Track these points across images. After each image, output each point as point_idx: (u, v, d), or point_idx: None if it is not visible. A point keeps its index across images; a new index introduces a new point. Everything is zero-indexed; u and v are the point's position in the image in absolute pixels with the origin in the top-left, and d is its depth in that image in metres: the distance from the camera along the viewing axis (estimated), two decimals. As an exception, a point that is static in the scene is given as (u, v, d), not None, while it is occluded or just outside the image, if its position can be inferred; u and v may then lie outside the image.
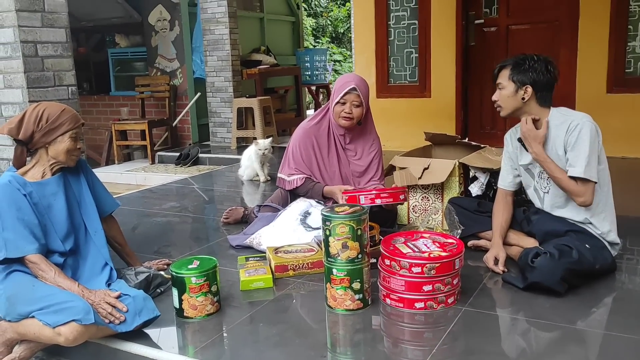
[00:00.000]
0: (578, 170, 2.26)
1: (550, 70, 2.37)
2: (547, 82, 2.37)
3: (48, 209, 2.14)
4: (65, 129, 2.12)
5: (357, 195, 2.66)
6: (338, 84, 3.01)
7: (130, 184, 5.94)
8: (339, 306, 2.17)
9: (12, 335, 2.02)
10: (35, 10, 2.41)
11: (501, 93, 2.42)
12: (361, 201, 2.64)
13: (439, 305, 2.15)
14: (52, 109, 2.13)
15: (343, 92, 2.94)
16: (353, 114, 2.96)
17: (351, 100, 2.94)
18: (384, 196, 2.69)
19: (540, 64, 2.36)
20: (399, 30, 5.79)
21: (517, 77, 2.37)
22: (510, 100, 2.41)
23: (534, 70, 2.35)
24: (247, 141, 6.55)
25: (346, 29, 16.17)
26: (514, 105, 2.41)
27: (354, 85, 2.93)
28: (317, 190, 3.03)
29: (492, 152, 3.20)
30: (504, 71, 2.42)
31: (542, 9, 5.13)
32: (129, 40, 7.93)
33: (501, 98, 2.43)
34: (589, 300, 2.20)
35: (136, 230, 3.50)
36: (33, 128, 2.09)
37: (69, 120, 2.13)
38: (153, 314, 2.07)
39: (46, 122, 2.10)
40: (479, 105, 5.61)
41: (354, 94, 2.93)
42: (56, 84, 2.52)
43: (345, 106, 2.95)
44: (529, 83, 2.36)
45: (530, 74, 2.35)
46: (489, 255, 2.50)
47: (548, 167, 2.35)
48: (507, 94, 2.40)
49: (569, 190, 2.31)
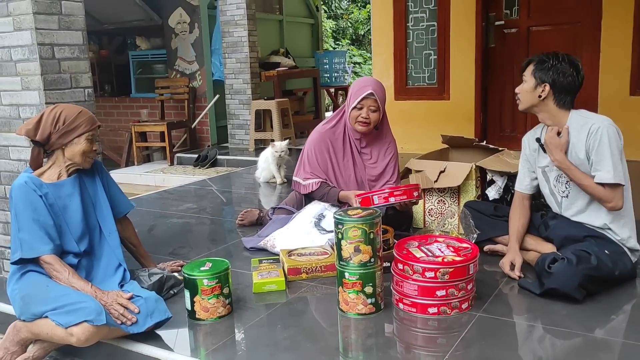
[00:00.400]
0: (607, 176, 2.20)
1: (574, 74, 2.31)
2: (567, 84, 2.31)
3: (63, 210, 2.16)
4: (82, 131, 2.14)
5: (370, 196, 2.60)
6: (354, 88, 2.96)
7: (149, 185, 5.99)
8: (351, 310, 2.15)
9: (26, 335, 2.04)
10: (52, 13, 2.44)
11: (522, 87, 2.40)
12: (375, 201, 2.57)
13: (453, 311, 2.11)
14: (69, 111, 2.15)
15: (360, 97, 2.88)
16: (370, 119, 2.91)
17: (368, 105, 2.89)
18: (398, 194, 2.60)
19: (565, 65, 2.31)
20: (417, 32, 5.74)
21: (538, 73, 2.34)
22: (528, 95, 2.38)
23: (555, 70, 2.30)
24: (264, 143, 6.56)
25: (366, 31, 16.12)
26: (530, 101, 2.38)
27: (371, 90, 2.87)
28: (333, 195, 2.98)
29: (510, 155, 3.15)
30: (530, 66, 2.40)
31: (564, 10, 5.05)
32: (149, 43, 8.02)
33: (521, 91, 2.41)
34: (608, 308, 2.14)
35: (152, 231, 3.52)
36: (50, 129, 2.11)
37: (85, 123, 2.15)
38: (165, 315, 2.07)
39: (63, 123, 2.12)
40: (498, 107, 5.54)
41: (371, 99, 2.88)
42: (72, 86, 2.54)
43: (362, 111, 2.89)
44: (548, 82, 2.31)
45: (552, 73, 2.31)
46: (505, 260, 2.46)
47: (573, 175, 2.29)
48: (527, 89, 2.38)
49: (597, 196, 2.26)
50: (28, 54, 2.43)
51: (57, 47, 2.47)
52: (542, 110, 2.38)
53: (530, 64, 2.40)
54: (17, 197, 2.08)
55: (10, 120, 2.57)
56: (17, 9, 2.41)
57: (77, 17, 2.53)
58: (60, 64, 2.49)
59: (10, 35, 2.47)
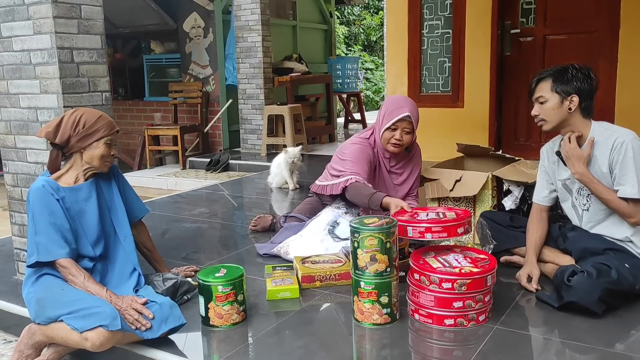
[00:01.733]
0: (631, 191, 2.17)
1: (592, 78, 2.31)
2: (590, 90, 2.30)
3: (80, 214, 2.16)
4: (101, 135, 2.14)
5: (404, 226, 2.25)
6: (389, 108, 2.87)
7: (161, 189, 6.01)
8: (366, 320, 2.13)
9: (41, 338, 2.04)
10: (72, 17, 2.45)
11: (544, 107, 2.34)
12: (409, 234, 2.25)
13: (470, 323, 2.08)
14: (89, 115, 2.16)
15: (396, 118, 2.81)
16: (403, 141, 2.86)
17: (402, 127, 2.84)
18: (437, 230, 2.20)
19: (582, 72, 2.30)
20: (432, 39, 5.72)
21: (560, 87, 2.29)
22: (555, 112, 2.32)
23: (577, 79, 2.28)
24: (277, 148, 6.56)
25: (378, 37, 16.15)
26: (560, 117, 2.32)
27: (408, 113, 2.81)
28: (376, 198, 2.68)
29: (527, 165, 3.12)
30: (543, 84, 2.34)
31: (581, 19, 5.01)
32: (163, 47, 8.06)
33: (544, 111, 2.34)
34: (629, 323, 2.10)
35: (165, 235, 3.52)
36: (70, 132, 2.12)
37: (104, 127, 2.16)
38: (179, 321, 2.07)
39: (83, 127, 2.13)
40: (513, 116, 5.50)
41: (407, 121, 2.84)
42: (90, 89, 2.55)
43: (396, 132, 2.84)
44: (574, 92, 2.28)
45: (575, 83, 2.28)
46: (522, 272, 2.43)
47: (595, 189, 2.26)
48: (552, 106, 2.32)
49: (620, 212, 2.23)
50: (47, 57, 2.44)
51: (76, 51, 2.48)
52: (568, 124, 2.34)
53: (543, 81, 2.34)
54: (35, 200, 2.08)
55: (29, 123, 2.58)
56: (37, 12, 2.43)
57: (96, 22, 2.54)
58: (78, 68, 2.50)
59: (30, 39, 2.48)
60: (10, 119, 2.65)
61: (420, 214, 2.36)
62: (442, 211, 2.37)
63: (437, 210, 2.42)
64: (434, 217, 2.29)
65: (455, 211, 2.36)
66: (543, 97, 2.33)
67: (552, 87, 2.31)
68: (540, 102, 2.35)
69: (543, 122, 2.36)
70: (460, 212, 2.33)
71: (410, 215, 2.37)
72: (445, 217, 2.28)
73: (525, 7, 5.28)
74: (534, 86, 2.38)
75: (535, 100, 2.37)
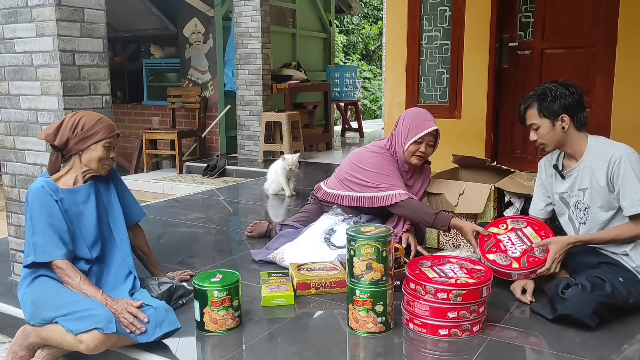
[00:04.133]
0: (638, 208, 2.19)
1: (574, 90, 2.33)
2: (576, 103, 2.32)
3: (78, 216, 2.16)
4: (99, 138, 2.15)
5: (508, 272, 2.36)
6: (414, 121, 2.88)
7: (157, 193, 6.00)
8: (360, 328, 2.14)
9: (35, 340, 2.04)
10: (75, 20, 2.47)
11: (538, 132, 2.37)
12: (513, 277, 2.37)
13: (464, 334, 2.09)
14: (88, 118, 2.17)
15: (424, 132, 2.85)
16: (426, 154, 2.92)
17: (428, 141, 2.88)
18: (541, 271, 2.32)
19: (562, 89, 2.32)
20: (431, 50, 5.76)
21: (547, 111, 2.32)
22: (550, 135, 2.35)
23: (560, 97, 2.30)
24: (274, 155, 6.57)
25: (377, 46, 16.23)
26: (557, 138, 2.35)
27: (436, 127, 2.88)
28: (443, 218, 2.71)
29: (523, 177, 3.14)
30: (530, 111, 2.37)
31: (579, 34, 5.06)
32: (163, 51, 8.08)
33: (540, 136, 2.37)
34: (622, 336, 2.11)
35: (161, 239, 3.52)
36: (68, 135, 2.13)
37: (103, 130, 2.17)
38: (174, 326, 2.07)
39: (81, 129, 2.13)
40: (510, 128, 5.53)
41: (432, 135, 2.89)
42: (91, 92, 2.56)
43: (421, 146, 2.87)
44: (562, 112, 2.30)
45: (559, 101, 2.30)
46: (516, 284, 2.44)
47: (601, 239, 2.29)
48: (546, 131, 2.34)
49: (633, 237, 2.25)
50: (49, 59, 2.45)
51: (77, 54, 2.49)
52: (567, 141, 2.36)
53: (530, 108, 2.36)
54: (33, 201, 2.08)
55: (28, 124, 2.59)
56: (40, 15, 2.44)
57: (98, 25, 2.55)
58: (80, 71, 2.51)
59: (32, 41, 2.49)
60: (10, 120, 2.66)
61: (506, 244, 2.43)
62: (520, 230, 2.45)
63: (514, 228, 2.47)
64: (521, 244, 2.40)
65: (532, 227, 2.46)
66: (535, 124, 2.36)
67: (539, 112, 2.33)
68: (534, 129, 2.38)
69: (544, 145, 2.40)
70: (537, 226, 2.46)
71: (495, 246, 2.45)
72: (530, 240, 2.41)
73: (524, 21, 5.33)
74: (522, 114, 2.40)
75: (529, 127, 2.40)
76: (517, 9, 5.32)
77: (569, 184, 2.40)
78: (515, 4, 5.32)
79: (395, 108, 5.94)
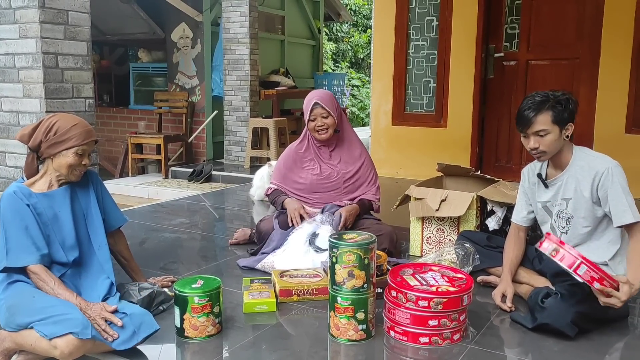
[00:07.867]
0: (628, 218, 2.19)
1: (574, 100, 2.33)
2: (575, 112, 2.32)
3: (53, 220, 2.13)
4: (71, 145, 2.11)
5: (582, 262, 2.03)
6: (305, 104, 3.20)
7: (142, 197, 5.96)
8: (341, 336, 2.13)
9: (10, 345, 2.00)
10: (58, 23, 2.45)
11: (544, 139, 2.26)
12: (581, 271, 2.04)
13: (444, 342, 2.09)
14: (63, 122, 2.13)
15: (309, 110, 3.13)
16: (326, 124, 3.11)
17: (319, 114, 3.10)
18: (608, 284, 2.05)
19: (571, 98, 2.31)
20: (418, 60, 5.80)
21: (560, 117, 2.25)
22: (555, 143, 2.28)
23: (570, 105, 2.28)
24: (260, 161, 6.56)
25: (366, 54, 16.30)
26: (559, 147, 2.32)
27: (316, 101, 3.11)
28: (279, 202, 3.22)
29: (506, 186, 3.16)
30: (543, 117, 2.24)
31: (564, 46, 5.12)
32: (151, 56, 8.06)
33: (545, 144, 2.27)
34: (600, 346, 2.13)
35: (144, 244, 3.49)
36: (41, 138, 2.10)
37: (77, 136, 2.12)
38: (152, 328, 2.02)
39: (54, 134, 2.10)
40: (495, 137, 5.58)
41: (319, 107, 3.10)
42: (74, 95, 2.54)
43: (316, 121, 3.11)
44: (571, 120, 2.30)
45: (569, 109, 2.28)
46: (496, 291, 2.45)
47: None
48: (554, 138, 2.27)
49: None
50: (32, 61, 2.43)
51: (61, 57, 2.48)
52: (561, 151, 2.34)
53: (543, 114, 2.24)
54: (5, 206, 2.06)
55: (9, 127, 2.56)
56: (23, 16, 2.42)
57: (83, 28, 2.54)
58: (63, 74, 2.49)
59: (15, 43, 2.48)
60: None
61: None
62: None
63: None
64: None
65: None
66: (545, 130, 2.25)
67: (553, 119, 2.25)
68: (542, 135, 2.27)
69: (543, 154, 2.31)
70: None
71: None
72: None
73: (510, 32, 5.39)
74: (532, 119, 2.26)
75: (533, 133, 2.28)
76: (503, 20, 5.38)
77: (552, 193, 2.42)
78: (501, 15, 5.38)
79: (382, 116, 5.97)
